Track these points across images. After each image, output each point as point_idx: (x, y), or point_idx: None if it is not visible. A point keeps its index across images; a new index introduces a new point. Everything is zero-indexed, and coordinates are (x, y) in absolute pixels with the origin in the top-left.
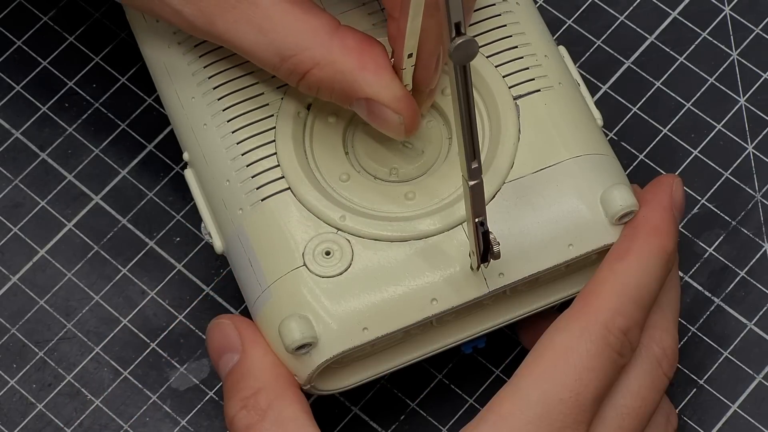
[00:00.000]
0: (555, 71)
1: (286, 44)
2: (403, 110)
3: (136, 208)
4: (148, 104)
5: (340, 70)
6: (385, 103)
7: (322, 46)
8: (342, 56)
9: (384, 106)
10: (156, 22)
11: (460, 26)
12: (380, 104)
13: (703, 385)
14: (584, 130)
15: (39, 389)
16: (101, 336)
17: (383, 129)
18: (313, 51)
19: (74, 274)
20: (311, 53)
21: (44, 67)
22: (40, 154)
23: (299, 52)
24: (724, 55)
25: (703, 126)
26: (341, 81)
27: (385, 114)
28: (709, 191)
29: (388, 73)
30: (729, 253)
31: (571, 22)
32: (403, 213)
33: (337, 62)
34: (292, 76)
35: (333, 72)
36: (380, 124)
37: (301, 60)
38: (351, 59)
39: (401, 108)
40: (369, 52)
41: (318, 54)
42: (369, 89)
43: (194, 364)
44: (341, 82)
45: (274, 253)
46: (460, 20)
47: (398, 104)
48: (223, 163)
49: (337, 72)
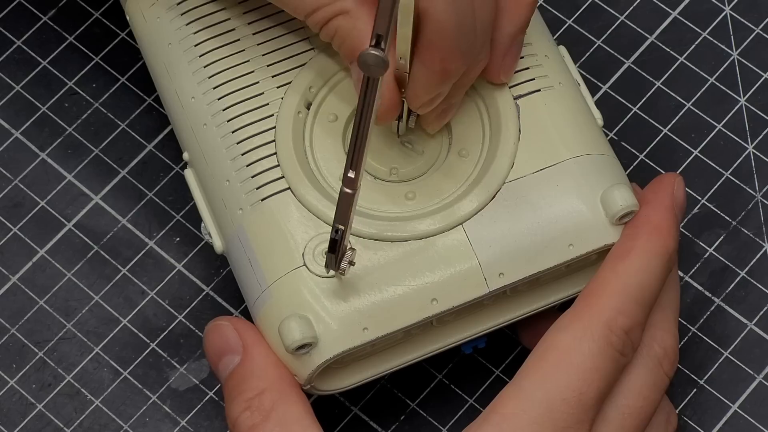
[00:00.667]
0: (555, 71)
1: None
2: (384, 94)
3: (135, 208)
4: (147, 104)
5: (358, 27)
6: None
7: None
8: (367, 17)
9: None
10: (156, 20)
11: (381, 40)
12: None
13: (704, 385)
14: (584, 130)
15: (39, 389)
16: (101, 336)
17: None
18: (345, 2)
19: (74, 274)
20: (343, 3)
21: (44, 67)
22: (40, 154)
23: (333, 2)
24: (724, 55)
25: (704, 126)
26: (354, 37)
27: None
28: (710, 191)
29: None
30: (729, 253)
31: (571, 22)
32: (403, 213)
33: (360, 18)
34: (319, 23)
35: (352, 25)
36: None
37: (332, 8)
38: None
39: (385, 93)
40: None
41: (348, 5)
42: None
43: (194, 365)
44: (353, 38)
45: (274, 253)
46: (382, 34)
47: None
48: (223, 162)
49: (355, 27)
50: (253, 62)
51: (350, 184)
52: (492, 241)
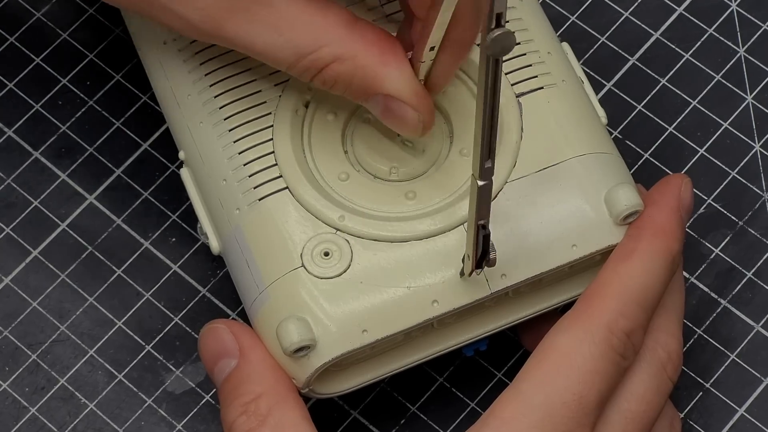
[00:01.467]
0: (558, 68)
1: (305, 42)
2: (422, 107)
3: (131, 208)
4: (143, 102)
5: (361, 65)
6: (405, 99)
7: (341, 40)
8: (363, 50)
9: (404, 102)
10: None
11: (501, 18)
12: (400, 101)
13: (710, 388)
14: (588, 129)
15: (32, 392)
16: (95, 338)
17: (398, 126)
18: (333, 46)
19: (68, 276)
20: (331, 49)
21: (37, 64)
22: (33, 153)
23: (318, 49)
24: (730, 52)
25: (710, 124)
26: (362, 76)
27: (404, 111)
28: (716, 191)
29: (408, 69)
30: (736, 253)
31: (574, 18)
32: (403, 213)
33: (359, 57)
34: (308, 72)
35: (353, 67)
36: (396, 122)
37: (320, 56)
38: (372, 54)
39: (421, 105)
40: (389, 47)
41: (338, 49)
42: (390, 85)
43: (190, 367)
44: (362, 78)
45: (271, 254)
46: (502, 11)
47: (418, 101)
48: (220, 161)
49: (358, 67)
50: (249, 60)
51: (488, 175)
52: (494, 242)
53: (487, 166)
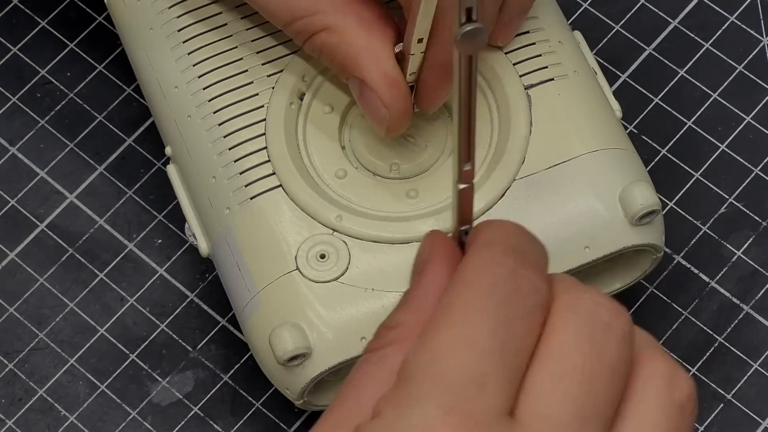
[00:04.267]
0: (570, 59)
1: (302, 4)
2: (394, 106)
3: (114, 208)
4: (127, 94)
5: (347, 41)
6: (378, 92)
7: (336, 12)
8: (353, 28)
9: (376, 94)
10: (137, 3)
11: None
12: (373, 91)
13: (731, 400)
14: (601, 123)
15: (9, 404)
16: (76, 346)
17: (368, 117)
18: (326, 15)
19: (47, 279)
20: (323, 17)
21: (14, 54)
22: (10, 149)
23: (312, 14)
24: (753, 41)
25: (731, 118)
26: (344, 52)
27: (374, 103)
28: (737, 189)
29: (388, 62)
30: (759, 256)
31: (587, 6)
32: (404, 212)
33: (347, 32)
34: (300, 36)
35: (339, 40)
36: (367, 111)
37: (312, 22)
38: (360, 33)
39: (393, 103)
40: (381, 32)
41: (330, 19)
42: (366, 72)
43: (177, 377)
44: (344, 54)
45: (264, 257)
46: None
47: (391, 98)
48: (209, 158)
49: (343, 42)
50: (241, 49)
51: (469, 178)
52: None
53: (466, 168)
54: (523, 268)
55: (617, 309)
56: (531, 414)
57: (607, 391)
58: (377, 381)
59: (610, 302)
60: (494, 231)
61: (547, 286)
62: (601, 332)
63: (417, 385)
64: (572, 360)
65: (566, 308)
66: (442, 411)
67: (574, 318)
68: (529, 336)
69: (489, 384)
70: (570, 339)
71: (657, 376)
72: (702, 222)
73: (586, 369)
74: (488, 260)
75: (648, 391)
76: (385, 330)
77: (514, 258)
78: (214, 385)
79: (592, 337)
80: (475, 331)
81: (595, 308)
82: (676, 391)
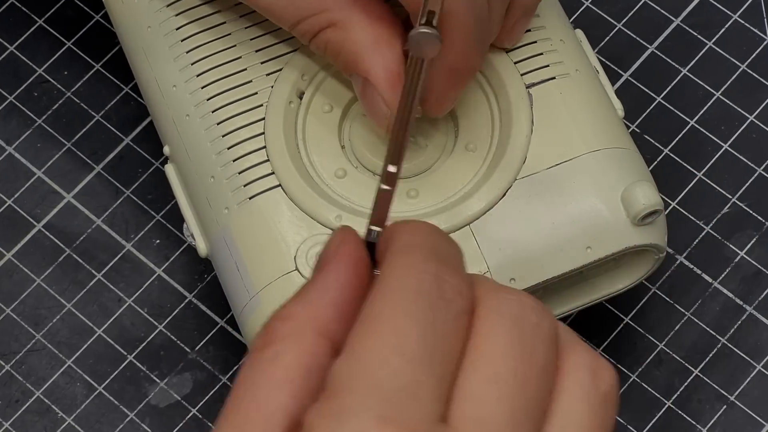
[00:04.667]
0: (571, 57)
1: (308, 3)
2: (394, 105)
3: (111, 208)
4: (125, 93)
5: (352, 38)
6: (380, 89)
7: (342, 8)
8: (360, 26)
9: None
10: (134, 0)
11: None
12: (375, 88)
13: (734, 401)
14: (603, 122)
15: (5, 406)
16: (73, 348)
17: (370, 115)
18: (333, 12)
19: (44, 280)
20: (330, 14)
21: (11, 53)
22: (7, 149)
23: (319, 12)
24: (756, 40)
25: (734, 117)
26: (349, 50)
27: (376, 101)
28: (741, 189)
29: (394, 62)
30: (762, 256)
31: (589, 4)
32: (404, 212)
33: (353, 30)
34: (307, 35)
35: (345, 37)
36: (368, 108)
37: (318, 19)
38: (367, 33)
39: (393, 101)
40: (388, 33)
41: (336, 15)
42: (370, 69)
43: (175, 379)
44: (348, 51)
45: (263, 257)
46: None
47: (392, 96)
48: (208, 157)
49: (348, 39)
50: (240, 47)
51: (390, 181)
52: (502, 244)
53: (390, 170)
54: (446, 273)
55: (542, 309)
56: (466, 419)
57: (538, 392)
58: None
59: (535, 302)
60: (412, 234)
61: (469, 288)
62: (531, 334)
63: (349, 396)
64: (504, 364)
65: (494, 311)
66: (377, 421)
67: (503, 321)
68: (456, 341)
69: (422, 391)
70: (500, 343)
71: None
72: (705, 222)
73: (518, 372)
74: (411, 266)
75: (573, 384)
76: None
77: (435, 262)
78: (213, 387)
79: (523, 340)
80: (404, 338)
81: (522, 310)
82: (600, 381)
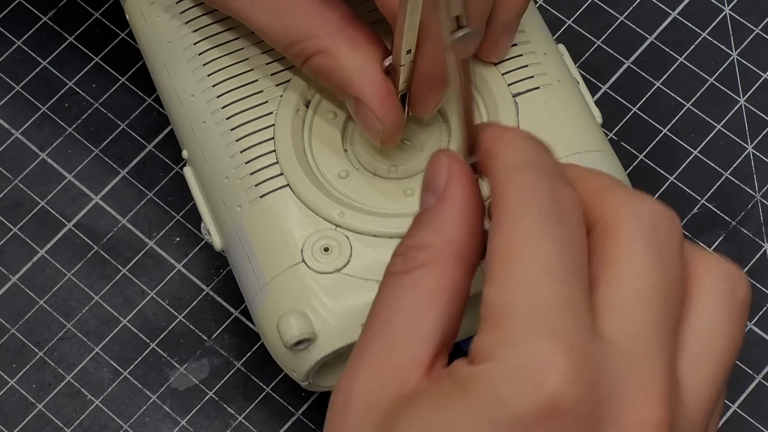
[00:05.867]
0: (554, 69)
1: (297, 30)
2: (387, 122)
3: (135, 208)
4: (147, 104)
5: (341, 63)
6: (371, 108)
7: (329, 36)
8: (347, 51)
9: (370, 111)
10: (156, 18)
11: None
12: (367, 107)
13: None
14: (583, 127)
15: (39, 389)
16: (101, 336)
17: (365, 130)
18: (320, 39)
19: (74, 274)
20: (318, 41)
21: (44, 67)
22: (40, 154)
23: (307, 39)
24: (724, 55)
25: (703, 126)
26: (339, 74)
27: (370, 119)
28: (709, 191)
29: (380, 81)
30: (729, 253)
31: (570, 22)
32: (402, 209)
33: (341, 55)
34: (298, 58)
35: (334, 63)
36: (362, 125)
37: (307, 46)
38: (353, 56)
39: (386, 118)
40: (371, 52)
41: (324, 43)
42: (361, 91)
43: (194, 364)
44: (339, 75)
45: (272, 250)
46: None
47: (384, 114)
48: (222, 160)
49: (337, 64)
50: (251, 60)
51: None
52: None
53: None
54: (557, 185)
55: (671, 215)
56: (620, 332)
57: (677, 300)
58: (420, 304)
59: (664, 208)
60: (515, 152)
61: (578, 195)
62: (667, 244)
63: (515, 322)
64: (648, 278)
65: (629, 222)
66: (548, 342)
67: (641, 233)
68: (584, 251)
69: (576, 307)
70: (642, 255)
71: (720, 277)
72: None
73: (661, 285)
74: (526, 187)
75: (713, 294)
76: (414, 251)
77: (546, 178)
78: (228, 372)
79: (661, 252)
80: (546, 258)
81: (654, 218)
82: (738, 290)
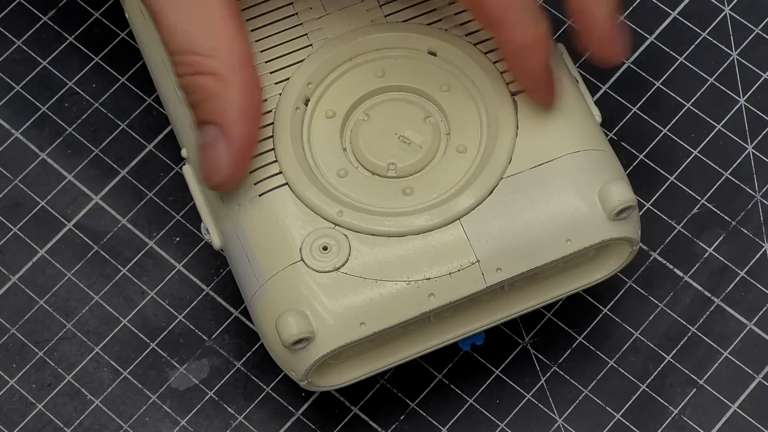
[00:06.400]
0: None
1: (204, 43)
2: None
3: (135, 208)
4: (147, 104)
5: (228, 97)
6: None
7: (230, 66)
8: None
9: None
10: None
11: None
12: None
13: (703, 385)
14: (582, 126)
15: (39, 389)
16: (101, 336)
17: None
18: (221, 62)
19: (74, 274)
20: (217, 63)
21: (44, 67)
22: (40, 154)
23: (209, 56)
24: (724, 55)
25: (703, 126)
26: (219, 104)
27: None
28: (709, 191)
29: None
30: (729, 253)
31: (570, 22)
32: (400, 208)
33: (233, 89)
34: (186, 68)
35: (221, 92)
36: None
37: (204, 62)
38: (244, 97)
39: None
40: (258, 101)
41: (222, 68)
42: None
43: (194, 364)
44: (216, 105)
45: (271, 249)
46: None
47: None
48: None
49: (224, 95)
50: None
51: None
52: (489, 237)
53: None
54: None
55: None
56: None
57: None
58: None
59: None
60: None
61: None
62: None
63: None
64: None
65: None
66: None
67: None
68: None
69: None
70: None
71: None
72: (676, 221)
73: None
74: None
75: None
76: None
77: None
78: (228, 372)
79: None
80: None
81: None
82: None
